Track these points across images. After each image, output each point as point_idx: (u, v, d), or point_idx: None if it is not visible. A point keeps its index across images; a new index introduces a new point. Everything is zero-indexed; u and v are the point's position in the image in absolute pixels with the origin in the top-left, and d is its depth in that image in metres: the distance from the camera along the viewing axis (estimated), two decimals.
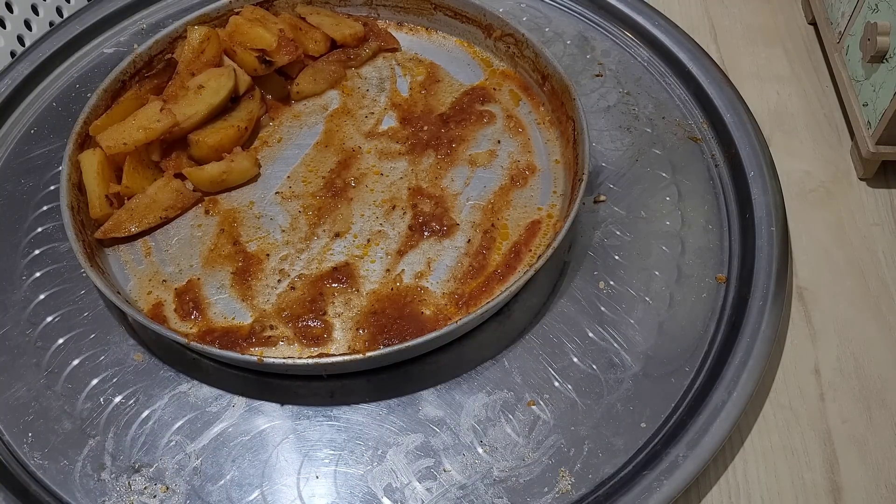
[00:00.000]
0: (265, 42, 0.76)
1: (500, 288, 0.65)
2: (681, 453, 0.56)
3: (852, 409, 0.62)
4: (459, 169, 0.74)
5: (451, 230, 0.69)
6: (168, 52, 0.77)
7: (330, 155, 0.75)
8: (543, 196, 0.71)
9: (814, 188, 0.76)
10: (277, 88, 0.79)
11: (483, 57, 0.82)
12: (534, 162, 0.74)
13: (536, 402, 0.60)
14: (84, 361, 0.63)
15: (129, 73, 0.75)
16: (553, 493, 0.56)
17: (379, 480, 0.57)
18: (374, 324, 0.63)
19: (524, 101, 0.79)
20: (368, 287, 0.66)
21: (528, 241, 0.68)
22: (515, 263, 0.67)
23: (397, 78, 0.81)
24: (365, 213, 0.71)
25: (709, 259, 0.69)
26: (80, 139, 0.70)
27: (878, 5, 0.71)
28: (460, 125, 0.76)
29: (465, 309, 0.64)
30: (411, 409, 0.60)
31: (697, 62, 0.81)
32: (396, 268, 0.67)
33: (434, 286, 0.66)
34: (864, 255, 0.71)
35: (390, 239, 0.69)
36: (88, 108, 0.71)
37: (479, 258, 0.67)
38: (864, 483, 0.59)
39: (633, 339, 0.64)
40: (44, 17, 0.89)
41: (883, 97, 0.70)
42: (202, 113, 0.72)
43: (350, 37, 0.81)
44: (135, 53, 0.75)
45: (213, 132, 0.73)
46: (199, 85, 0.73)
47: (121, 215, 0.69)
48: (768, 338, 0.62)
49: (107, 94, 0.72)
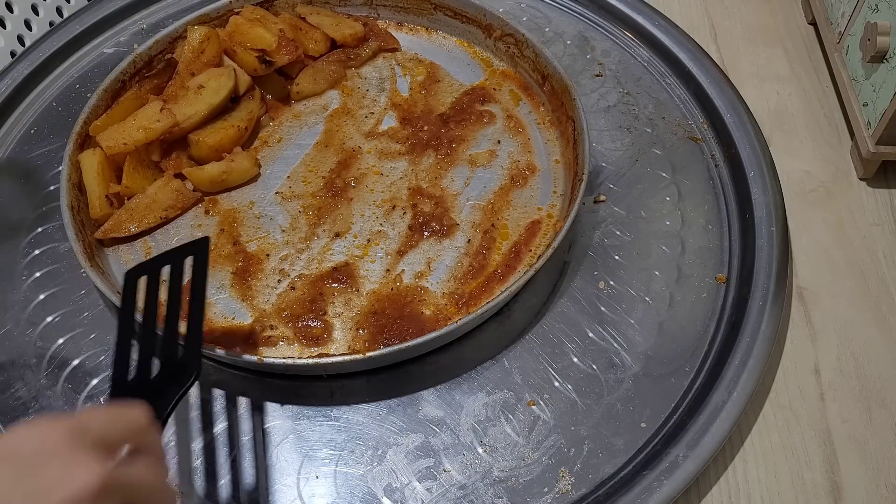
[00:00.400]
0: (265, 42, 0.76)
1: (500, 288, 0.65)
2: (681, 453, 0.56)
3: (852, 409, 0.62)
4: (459, 169, 0.74)
5: (451, 230, 0.69)
6: (168, 51, 0.77)
7: (330, 155, 0.75)
8: (543, 196, 0.71)
9: (814, 188, 0.76)
10: (277, 88, 0.79)
11: (483, 57, 0.82)
12: (534, 162, 0.74)
13: (536, 402, 0.60)
14: (84, 361, 0.63)
15: (129, 73, 0.74)
16: (553, 493, 0.56)
17: (379, 480, 0.57)
18: (375, 324, 0.63)
19: (524, 100, 0.79)
20: (368, 287, 0.66)
21: (528, 242, 0.68)
22: (515, 263, 0.67)
23: (397, 78, 0.81)
24: (365, 213, 0.71)
25: (709, 259, 0.69)
26: (80, 139, 0.70)
27: (878, 5, 0.71)
28: (460, 125, 0.76)
29: (465, 309, 0.64)
30: (411, 409, 0.60)
31: (697, 62, 0.81)
32: (396, 268, 0.67)
33: (434, 286, 0.66)
34: (864, 255, 0.71)
35: (390, 239, 0.69)
36: (88, 108, 0.71)
37: (479, 258, 0.67)
38: (864, 483, 0.59)
39: (633, 339, 0.64)
40: (44, 17, 0.89)
41: (883, 97, 0.70)
42: (202, 113, 0.72)
43: (350, 37, 0.81)
44: (135, 53, 0.75)
45: (213, 132, 0.73)
46: (200, 85, 0.73)
47: (121, 215, 0.69)
48: (768, 338, 0.62)
49: (107, 94, 0.72)
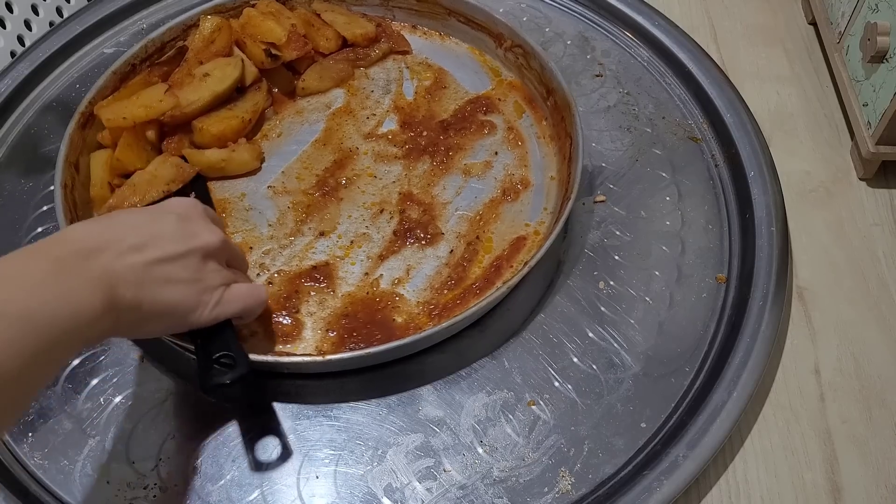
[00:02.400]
0: (274, 36, 0.76)
1: (476, 301, 0.63)
2: (681, 453, 0.56)
3: (852, 409, 0.62)
4: (453, 177, 0.73)
5: (434, 239, 0.69)
6: (181, 38, 0.77)
7: (327, 153, 0.75)
8: (533, 212, 0.70)
9: (814, 188, 0.76)
10: (284, 82, 0.80)
11: (492, 66, 0.82)
12: (528, 176, 0.73)
13: (536, 402, 0.60)
14: (84, 361, 0.63)
15: (141, 57, 0.75)
16: (553, 493, 0.56)
17: (379, 480, 0.57)
18: (345, 326, 0.63)
19: (528, 113, 0.78)
20: (345, 289, 0.66)
21: (510, 257, 0.67)
22: (495, 278, 0.66)
23: (404, 81, 0.81)
24: (353, 214, 0.71)
25: (709, 259, 0.69)
26: (84, 118, 0.70)
27: (878, 5, 0.71)
28: (460, 133, 0.76)
29: (436, 319, 0.63)
30: (411, 409, 0.60)
31: (697, 62, 0.81)
32: (375, 272, 0.67)
33: (410, 294, 0.65)
34: (864, 255, 0.71)
35: (373, 242, 0.69)
36: (96, 88, 0.71)
37: (458, 270, 0.67)
38: (864, 483, 0.59)
39: (633, 339, 0.64)
40: (44, 17, 0.89)
41: (883, 97, 0.70)
42: (205, 99, 0.72)
43: (361, 36, 0.81)
44: (147, 39, 0.75)
45: (216, 121, 0.73)
46: (205, 73, 0.73)
47: (124, 191, 0.69)
48: (768, 338, 0.62)
49: (115, 77, 0.73)
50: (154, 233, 0.51)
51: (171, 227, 0.52)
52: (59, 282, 0.44)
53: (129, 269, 0.48)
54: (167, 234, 0.51)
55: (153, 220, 0.52)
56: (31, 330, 0.41)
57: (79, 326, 0.44)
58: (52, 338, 0.42)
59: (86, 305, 0.44)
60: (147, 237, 0.50)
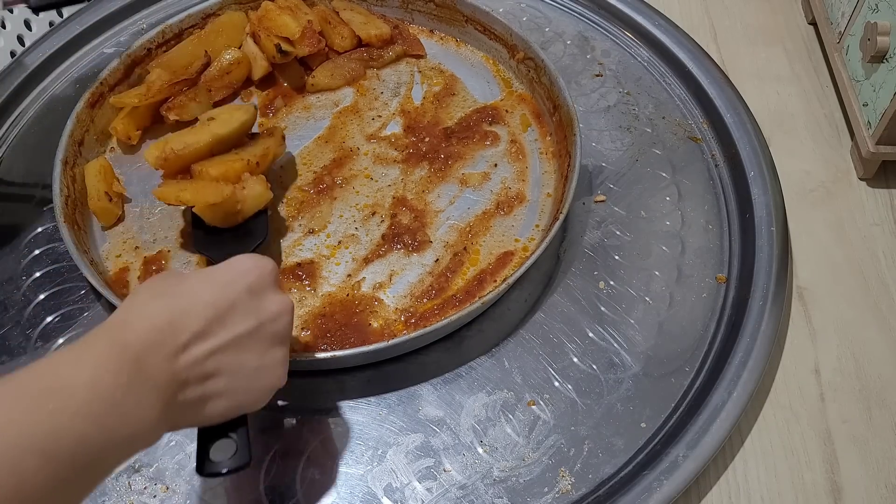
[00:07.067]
0: (289, 31, 0.77)
1: (454, 313, 0.61)
2: (681, 453, 0.56)
3: (852, 409, 0.62)
4: (448, 186, 0.73)
5: (421, 246, 0.68)
6: (199, 27, 0.79)
7: (327, 151, 0.75)
8: (524, 228, 0.70)
9: (814, 188, 0.76)
10: (296, 78, 0.80)
11: (505, 77, 0.81)
12: (524, 192, 0.72)
13: (536, 402, 0.60)
14: None
15: (157, 42, 0.77)
16: (553, 493, 0.56)
17: (379, 480, 0.57)
18: (321, 326, 0.63)
19: (533, 127, 0.77)
20: (326, 289, 0.66)
21: (494, 272, 0.66)
22: (476, 291, 0.65)
23: (415, 85, 0.81)
24: (344, 214, 0.71)
25: (709, 259, 0.69)
26: (94, 98, 0.72)
27: (878, 5, 0.71)
28: (462, 142, 0.75)
29: (412, 328, 0.63)
30: (411, 409, 0.60)
31: (697, 62, 0.82)
32: (358, 274, 0.67)
33: (389, 300, 0.65)
34: (864, 255, 0.71)
35: (361, 244, 0.69)
36: (109, 70, 0.74)
37: (441, 279, 0.66)
38: (864, 483, 0.59)
39: (633, 339, 0.64)
40: (44, 17, 0.90)
41: (883, 97, 0.70)
42: (205, 142, 0.67)
43: (375, 37, 0.81)
44: (164, 25, 0.77)
45: (218, 162, 0.67)
46: (210, 117, 0.70)
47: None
48: (768, 338, 0.62)
49: (129, 59, 0.75)
50: (222, 312, 0.45)
51: (242, 302, 0.47)
52: (126, 400, 0.40)
53: (195, 363, 0.44)
54: (238, 309, 0.46)
55: (222, 295, 0.46)
56: (80, 456, 0.37)
57: (133, 443, 0.41)
58: (95, 461, 0.38)
59: (145, 423, 0.41)
60: (214, 316, 0.45)
